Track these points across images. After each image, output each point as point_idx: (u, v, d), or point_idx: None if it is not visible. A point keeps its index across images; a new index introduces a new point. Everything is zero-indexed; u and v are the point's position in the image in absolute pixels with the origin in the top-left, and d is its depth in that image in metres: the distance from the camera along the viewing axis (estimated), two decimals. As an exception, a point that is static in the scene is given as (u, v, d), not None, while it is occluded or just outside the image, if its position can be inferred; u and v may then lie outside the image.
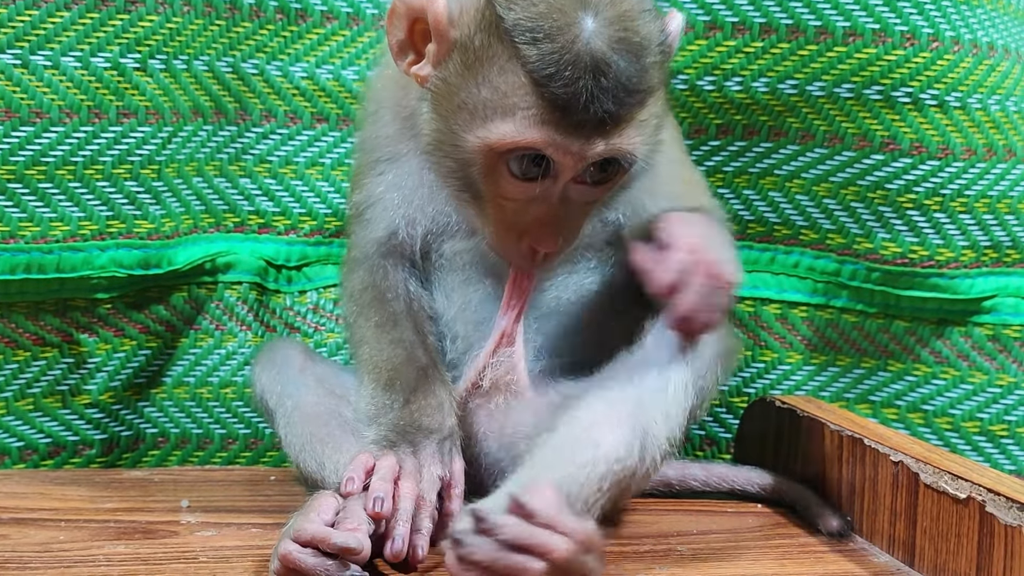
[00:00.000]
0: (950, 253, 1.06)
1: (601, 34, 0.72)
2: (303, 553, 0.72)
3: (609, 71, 0.72)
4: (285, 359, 0.91)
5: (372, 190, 0.89)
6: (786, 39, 1.05)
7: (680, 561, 0.81)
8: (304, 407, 0.88)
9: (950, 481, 0.78)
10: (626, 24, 0.73)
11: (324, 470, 0.84)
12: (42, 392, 1.01)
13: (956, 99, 1.04)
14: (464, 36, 0.75)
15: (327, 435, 0.86)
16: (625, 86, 0.72)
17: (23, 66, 0.96)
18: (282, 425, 0.89)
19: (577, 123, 0.73)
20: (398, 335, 0.86)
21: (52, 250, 0.98)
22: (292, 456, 0.88)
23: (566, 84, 0.72)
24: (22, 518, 0.85)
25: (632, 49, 0.73)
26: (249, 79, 1.06)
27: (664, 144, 0.82)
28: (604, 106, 0.72)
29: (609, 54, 0.72)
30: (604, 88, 0.72)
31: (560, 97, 0.72)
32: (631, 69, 0.73)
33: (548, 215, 0.77)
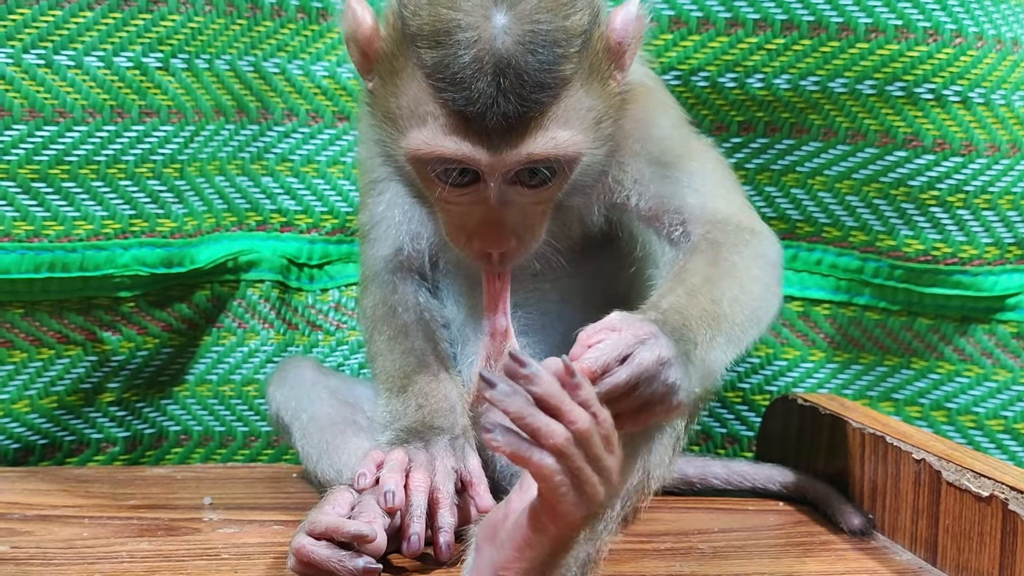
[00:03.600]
0: (973, 250, 1.05)
1: (507, 32, 0.69)
2: (316, 545, 0.73)
3: (509, 71, 0.69)
4: (297, 376, 0.92)
5: (374, 210, 0.90)
6: (808, 36, 1.05)
7: (701, 559, 0.81)
8: (319, 418, 0.89)
9: (973, 479, 0.78)
10: (536, 17, 0.70)
11: (342, 477, 0.84)
12: (66, 390, 1.02)
13: (979, 95, 1.04)
14: (382, 48, 0.74)
15: (343, 443, 0.86)
16: (530, 84, 0.69)
17: (46, 66, 0.96)
18: (298, 438, 0.89)
19: (483, 129, 0.70)
20: (410, 345, 0.87)
21: (76, 249, 0.98)
22: (310, 467, 0.88)
23: (463, 89, 0.69)
24: (46, 515, 0.86)
25: (540, 43, 0.69)
26: (270, 78, 1.06)
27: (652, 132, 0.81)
28: (508, 108, 0.69)
29: (511, 52, 0.69)
30: (505, 90, 0.69)
31: (459, 103, 0.69)
32: (537, 64, 0.69)
33: (491, 217, 0.74)
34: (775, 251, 0.83)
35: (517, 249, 0.77)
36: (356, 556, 0.73)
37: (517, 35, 0.69)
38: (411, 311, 0.89)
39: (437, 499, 0.79)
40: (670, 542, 0.84)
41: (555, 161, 0.72)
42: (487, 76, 0.69)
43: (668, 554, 0.81)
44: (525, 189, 0.74)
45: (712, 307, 0.72)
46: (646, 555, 0.80)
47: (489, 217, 0.74)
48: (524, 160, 0.71)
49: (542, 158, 0.72)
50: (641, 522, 0.87)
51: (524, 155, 0.71)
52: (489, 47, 0.69)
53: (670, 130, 0.85)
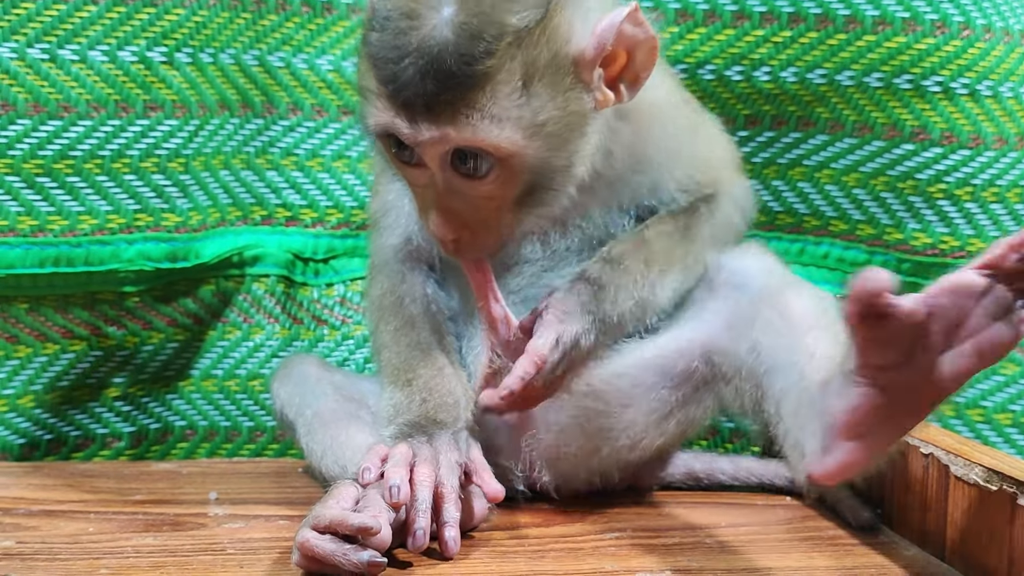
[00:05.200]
0: (981, 243, 1.05)
1: (447, 23, 0.72)
2: (321, 539, 0.72)
3: (430, 55, 0.72)
4: (301, 373, 0.92)
5: (385, 198, 0.91)
6: (815, 28, 1.05)
7: (709, 554, 0.80)
8: (323, 414, 0.88)
9: (981, 473, 0.77)
10: (475, 10, 0.72)
11: (347, 473, 0.84)
12: (71, 385, 1.02)
13: (987, 88, 1.03)
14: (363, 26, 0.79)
15: (347, 438, 0.86)
16: (445, 70, 0.72)
17: (51, 61, 0.96)
18: (303, 434, 0.89)
19: (406, 103, 0.74)
20: (416, 337, 0.88)
21: (80, 243, 0.98)
22: (315, 463, 0.88)
23: (391, 65, 0.73)
24: (52, 510, 0.86)
25: (467, 33, 0.72)
26: (276, 72, 1.06)
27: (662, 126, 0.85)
28: (423, 87, 0.72)
29: (439, 39, 0.72)
30: (423, 71, 0.72)
31: (386, 78, 0.74)
32: (456, 53, 0.72)
33: (440, 203, 0.78)
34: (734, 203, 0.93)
35: (472, 241, 0.79)
36: (360, 550, 0.72)
37: (453, 25, 0.72)
38: (418, 302, 0.89)
39: (442, 493, 0.78)
40: (677, 537, 0.83)
41: (480, 151, 0.75)
42: (411, 58, 0.72)
43: (676, 549, 0.81)
44: (466, 180, 0.77)
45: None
46: (653, 550, 0.80)
47: (438, 202, 0.78)
48: (441, 140, 0.74)
49: (461, 143, 0.75)
50: (648, 517, 0.87)
51: (439, 135, 0.74)
52: (423, 33, 0.72)
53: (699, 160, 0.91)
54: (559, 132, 0.76)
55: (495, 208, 0.79)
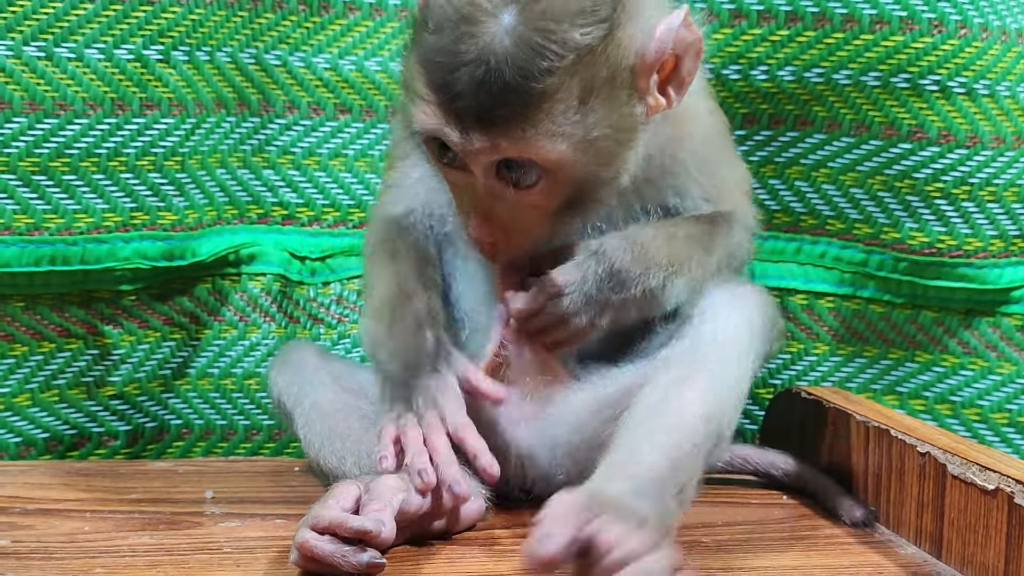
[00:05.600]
0: (978, 243, 1.05)
1: (508, 32, 0.71)
2: (320, 540, 0.72)
3: (489, 67, 0.71)
4: (299, 361, 0.92)
5: (395, 174, 0.91)
6: (812, 27, 1.05)
7: (705, 552, 0.80)
8: (321, 404, 0.88)
9: (978, 472, 0.77)
10: (539, 24, 0.71)
11: (345, 464, 0.84)
12: (67, 383, 1.02)
13: (984, 87, 1.03)
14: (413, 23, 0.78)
15: (346, 430, 0.86)
16: (503, 84, 0.71)
17: (47, 58, 0.96)
18: (301, 425, 0.89)
19: (458, 113, 0.73)
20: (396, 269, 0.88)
21: (76, 242, 0.98)
22: (312, 454, 0.88)
23: (447, 74, 0.72)
24: (48, 508, 0.85)
25: (529, 48, 0.71)
26: (272, 70, 1.06)
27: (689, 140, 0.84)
28: (478, 99, 0.72)
29: (499, 51, 0.71)
30: (480, 82, 0.71)
31: (440, 86, 0.73)
32: (516, 67, 0.71)
33: (480, 205, 0.78)
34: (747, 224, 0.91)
35: (508, 245, 0.80)
36: (360, 551, 0.72)
37: (514, 36, 0.71)
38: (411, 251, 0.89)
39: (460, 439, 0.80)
40: (674, 535, 0.83)
41: (529, 163, 0.75)
42: (468, 67, 0.72)
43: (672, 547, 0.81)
44: (511, 188, 0.76)
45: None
46: (650, 549, 0.80)
47: (477, 204, 0.78)
48: (491, 150, 0.74)
49: (512, 155, 0.74)
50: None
51: (491, 146, 0.74)
52: (482, 42, 0.71)
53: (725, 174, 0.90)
54: (610, 146, 0.76)
55: (537, 215, 0.79)
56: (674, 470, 0.73)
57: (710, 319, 0.80)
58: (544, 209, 0.78)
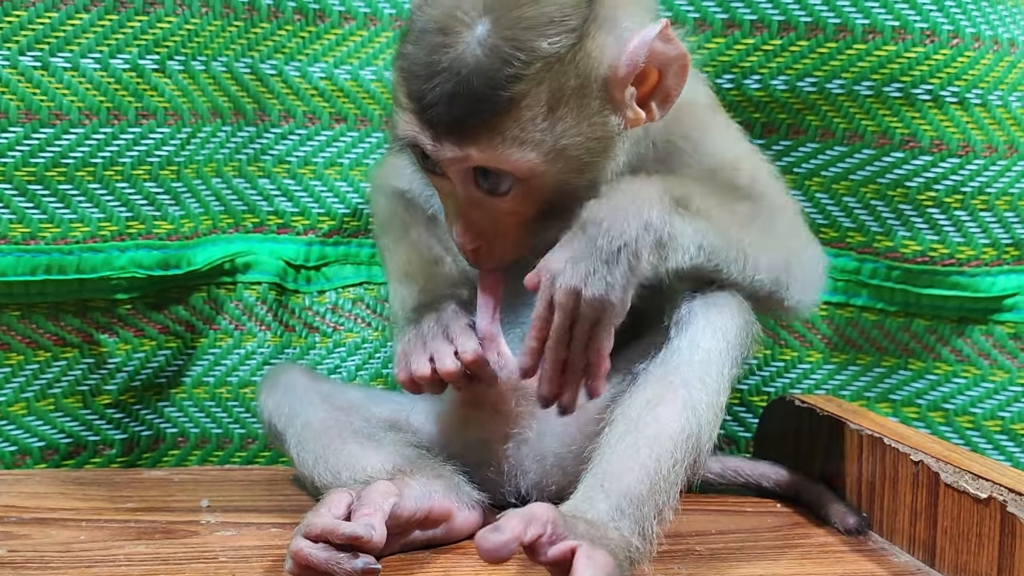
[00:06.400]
0: (971, 251, 1.05)
1: (480, 42, 0.73)
2: (314, 548, 0.72)
3: (459, 77, 0.73)
4: (288, 382, 0.92)
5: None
6: (805, 36, 1.05)
7: (699, 561, 0.81)
8: (313, 423, 0.88)
9: (971, 480, 0.78)
10: (508, 32, 0.73)
11: (340, 479, 0.84)
12: (63, 392, 1.02)
13: (977, 96, 1.04)
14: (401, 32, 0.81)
15: (340, 446, 0.86)
16: (470, 93, 0.73)
17: (43, 68, 0.96)
18: (293, 445, 0.89)
19: (430, 121, 0.75)
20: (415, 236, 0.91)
21: (72, 251, 0.98)
22: (306, 472, 0.88)
23: (421, 83, 0.74)
24: (43, 518, 0.86)
25: (497, 57, 0.73)
26: (268, 80, 1.06)
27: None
28: (447, 108, 0.74)
29: (469, 60, 0.73)
30: (449, 92, 0.73)
31: (415, 95, 0.75)
32: (484, 77, 0.73)
33: (461, 212, 0.80)
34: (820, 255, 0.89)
35: (490, 253, 0.81)
36: (354, 557, 0.73)
37: (484, 46, 0.73)
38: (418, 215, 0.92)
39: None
40: (667, 544, 0.83)
41: (501, 171, 0.76)
42: (440, 77, 0.74)
43: (666, 556, 0.81)
44: (487, 196, 0.78)
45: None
46: (644, 557, 0.80)
47: (459, 211, 0.80)
48: (463, 159, 0.76)
49: (483, 163, 0.76)
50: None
51: (462, 155, 0.75)
52: (455, 53, 0.73)
53: (725, 145, 0.87)
54: (581, 155, 0.77)
55: (514, 223, 0.80)
56: (653, 490, 0.74)
57: (685, 331, 0.79)
58: (521, 216, 0.79)
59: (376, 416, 0.89)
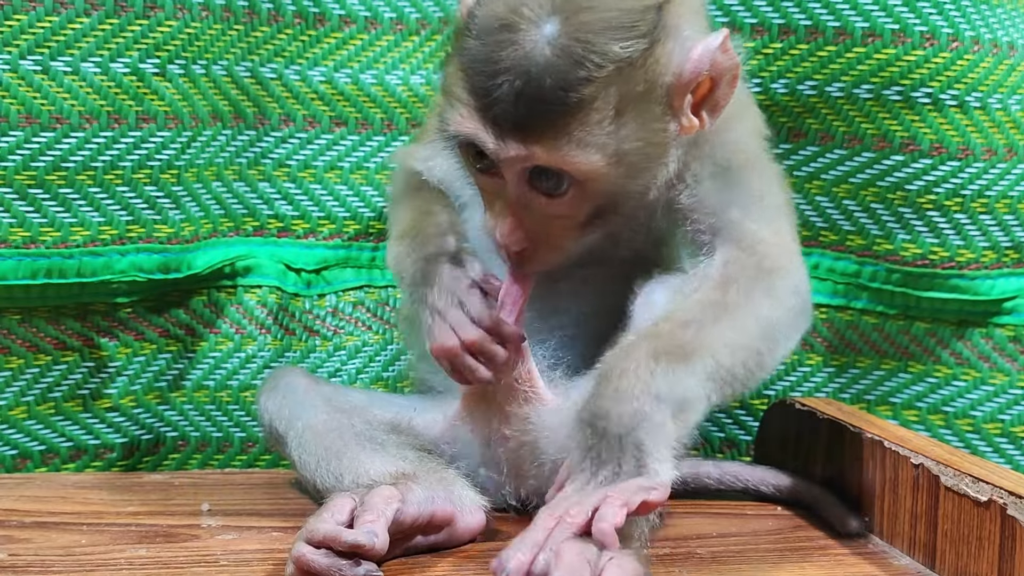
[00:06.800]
0: (971, 254, 1.05)
1: (549, 42, 0.73)
2: (316, 554, 0.72)
3: (528, 76, 0.72)
4: (289, 385, 0.92)
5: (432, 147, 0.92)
6: (805, 40, 1.05)
7: (699, 564, 0.81)
8: (315, 426, 0.88)
9: (971, 484, 0.78)
10: (580, 35, 0.73)
11: (343, 483, 0.84)
12: (63, 396, 1.02)
13: (976, 99, 1.04)
14: (457, 25, 0.79)
15: (342, 448, 0.86)
16: (540, 94, 0.73)
17: (43, 72, 0.96)
18: (294, 447, 0.88)
19: (495, 120, 0.74)
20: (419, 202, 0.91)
21: (72, 255, 0.98)
22: (308, 475, 0.88)
23: (487, 81, 0.74)
24: (44, 522, 0.85)
25: (569, 59, 0.72)
26: (268, 83, 1.06)
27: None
28: (515, 109, 0.73)
29: (539, 60, 0.72)
30: (518, 91, 0.73)
31: (479, 92, 0.74)
32: (555, 78, 0.72)
33: (510, 211, 0.79)
34: (793, 288, 0.84)
35: (533, 255, 0.80)
36: (356, 564, 0.72)
37: (554, 46, 0.73)
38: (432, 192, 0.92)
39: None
40: (668, 547, 0.83)
41: (561, 172, 0.75)
42: (509, 76, 0.73)
43: (667, 559, 0.81)
44: (542, 197, 0.77)
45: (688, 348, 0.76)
46: (645, 560, 0.80)
47: (508, 210, 0.79)
48: (525, 158, 0.75)
49: (545, 163, 0.75)
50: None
51: (525, 153, 0.75)
52: (523, 51, 0.73)
53: (743, 136, 0.86)
54: (640, 160, 0.77)
55: (563, 226, 0.80)
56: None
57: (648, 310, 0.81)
58: (571, 219, 0.79)
59: (378, 419, 0.89)
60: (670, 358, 0.75)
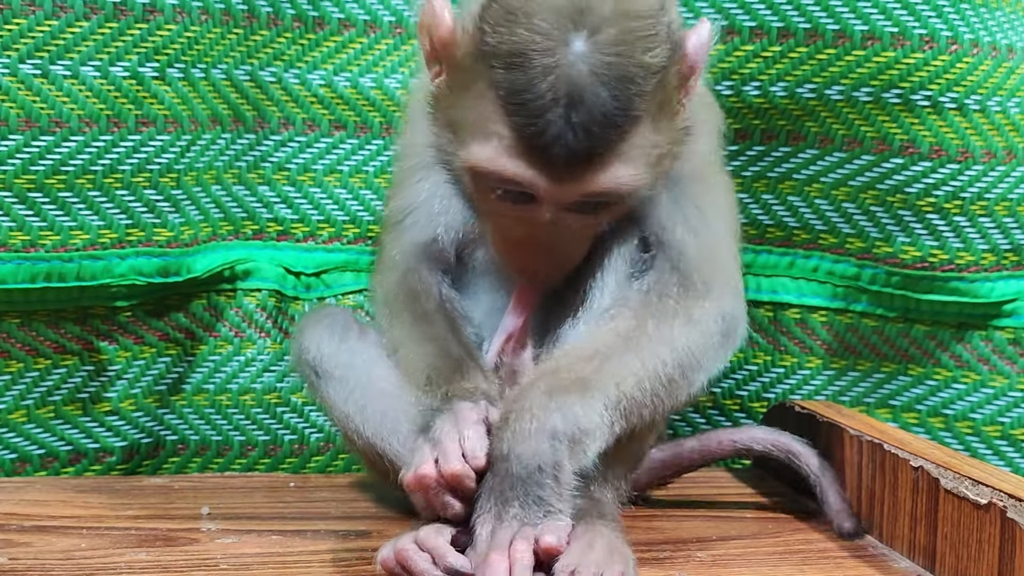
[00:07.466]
0: (970, 257, 1.05)
1: (584, 61, 0.69)
2: (419, 555, 0.71)
3: (582, 105, 0.69)
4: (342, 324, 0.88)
5: (413, 197, 0.87)
6: (804, 43, 1.05)
7: (699, 568, 0.81)
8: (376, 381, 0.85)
9: (971, 486, 0.78)
10: (618, 50, 0.70)
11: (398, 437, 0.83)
12: (63, 400, 1.02)
13: (975, 102, 1.04)
14: (456, 55, 0.75)
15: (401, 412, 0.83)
16: (601, 121, 0.70)
17: (43, 76, 0.96)
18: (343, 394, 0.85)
19: (549, 157, 0.71)
20: (432, 333, 0.84)
21: (72, 258, 0.98)
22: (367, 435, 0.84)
23: (535, 116, 0.70)
24: (44, 526, 0.85)
25: (617, 78, 0.70)
26: (267, 87, 1.06)
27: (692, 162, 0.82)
28: (575, 142, 0.70)
29: (587, 85, 0.69)
30: (575, 123, 0.69)
31: (529, 129, 0.70)
32: (610, 102, 0.70)
33: (540, 236, 0.76)
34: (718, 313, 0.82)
35: (558, 268, 0.80)
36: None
37: (593, 66, 0.70)
38: (432, 299, 0.85)
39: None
40: (669, 551, 0.83)
41: (607, 196, 0.74)
42: (560, 107, 0.69)
43: (667, 563, 0.81)
44: (577, 216, 0.75)
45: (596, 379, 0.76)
46: (645, 564, 0.80)
47: (537, 236, 0.76)
48: (583, 194, 0.73)
49: (601, 193, 0.73)
50: (639, 531, 0.87)
51: (584, 190, 0.73)
52: (565, 76, 0.69)
53: (701, 146, 0.84)
54: (667, 163, 0.77)
55: (585, 237, 0.79)
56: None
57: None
58: (593, 229, 0.78)
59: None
60: (566, 393, 0.74)
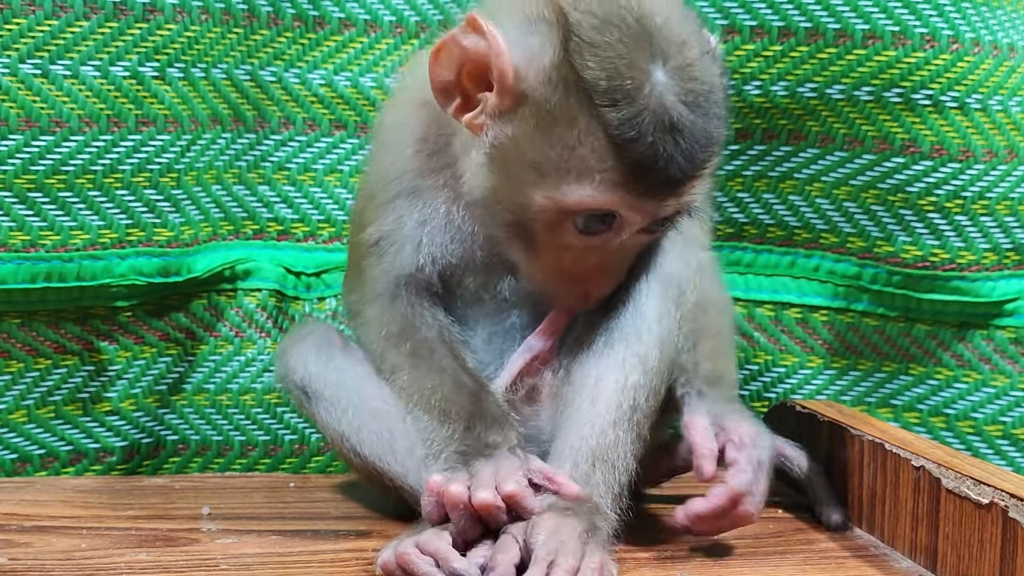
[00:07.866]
0: (971, 256, 1.05)
1: (670, 88, 0.72)
2: (420, 558, 0.72)
3: (685, 131, 0.72)
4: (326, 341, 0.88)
5: (393, 225, 0.84)
6: (805, 42, 1.05)
7: (701, 566, 0.81)
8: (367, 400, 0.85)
9: (972, 486, 0.78)
10: (692, 74, 0.73)
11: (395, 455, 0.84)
12: (63, 400, 1.02)
13: (977, 101, 1.04)
14: (535, 92, 0.73)
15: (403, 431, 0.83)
16: (701, 144, 0.72)
17: (43, 76, 0.96)
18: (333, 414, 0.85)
19: (653, 184, 0.73)
20: (437, 363, 0.82)
21: (72, 259, 0.98)
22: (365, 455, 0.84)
23: (647, 147, 0.71)
24: (44, 526, 0.85)
25: (702, 103, 0.73)
26: (267, 86, 1.06)
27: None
28: (680, 167, 0.72)
29: (682, 112, 0.72)
30: (681, 149, 0.72)
31: (639, 160, 0.71)
32: (705, 125, 0.72)
33: (606, 262, 0.78)
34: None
35: (609, 288, 0.80)
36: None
37: (677, 92, 0.72)
38: (432, 328, 0.84)
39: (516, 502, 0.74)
40: (670, 550, 0.83)
41: (689, 207, 0.77)
42: (668, 136, 0.71)
43: (668, 561, 0.81)
44: (644, 235, 0.78)
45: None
46: (646, 563, 0.80)
47: (604, 262, 0.78)
48: (670, 211, 0.76)
49: (682, 207, 0.76)
50: (641, 530, 0.87)
51: (672, 208, 0.75)
52: (661, 106, 0.71)
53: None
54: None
55: (633, 253, 0.80)
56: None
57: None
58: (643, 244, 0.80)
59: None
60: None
